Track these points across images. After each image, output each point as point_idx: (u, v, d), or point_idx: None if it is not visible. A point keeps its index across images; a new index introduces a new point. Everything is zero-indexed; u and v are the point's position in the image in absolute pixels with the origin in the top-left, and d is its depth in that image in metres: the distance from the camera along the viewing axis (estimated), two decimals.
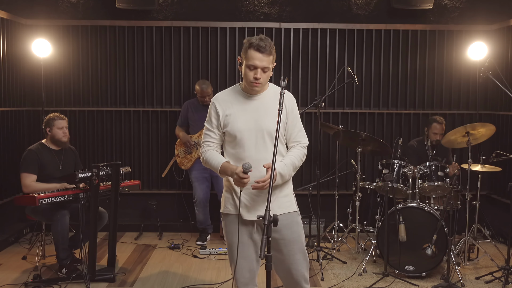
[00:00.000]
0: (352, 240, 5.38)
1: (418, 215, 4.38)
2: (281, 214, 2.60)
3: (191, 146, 5.31)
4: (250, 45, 2.60)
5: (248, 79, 2.63)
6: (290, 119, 2.72)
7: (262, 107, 2.68)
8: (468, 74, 5.85)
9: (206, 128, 2.77)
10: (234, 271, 2.74)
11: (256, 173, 2.58)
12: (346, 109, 5.90)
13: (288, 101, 2.71)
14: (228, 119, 2.67)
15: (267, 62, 2.60)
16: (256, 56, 2.58)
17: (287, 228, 2.69)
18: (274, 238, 2.65)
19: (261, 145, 2.65)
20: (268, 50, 2.59)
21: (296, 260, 2.72)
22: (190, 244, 5.32)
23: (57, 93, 5.79)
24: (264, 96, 2.71)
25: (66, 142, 4.46)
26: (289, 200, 2.74)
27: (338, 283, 4.23)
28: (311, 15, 5.84)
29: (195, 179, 5.33)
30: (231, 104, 2.69)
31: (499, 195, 5.65)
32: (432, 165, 4.67)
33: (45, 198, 3.94)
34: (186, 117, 5.41)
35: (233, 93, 2.75)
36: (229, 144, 2.72)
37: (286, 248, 2.70)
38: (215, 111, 2.72)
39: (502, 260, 4.55)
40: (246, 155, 2.64)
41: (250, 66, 2.61)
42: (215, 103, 2.73)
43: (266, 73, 2.63)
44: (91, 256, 4.16)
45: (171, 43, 5.80)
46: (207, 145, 2.75)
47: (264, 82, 2.66)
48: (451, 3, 5.87)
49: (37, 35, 5.48)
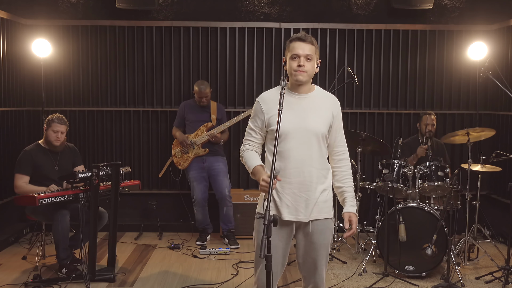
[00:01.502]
0: (352, 240, 5.38)
1: (418, 215, 4.38)
2: (318, 220, 2.66)
3: (188, 145, 5.31)
4: (291, 40, 2.67)
5: (292, 68, 2.63)
6: (335, 122, 2.72)
7: (308, 107, 2.67)
8: (468, 74, 5.85)
9: (249, 126, 2.76)
10: (257, 273, 2.71)
11: (299, 173, 2.62)
12: (346, 109, 5.90)
13: (335, 104, 2.74)
14: (273, 119, 2.65)
15: (309, 50, 2.62)
16: (298, 45, 2.62)
17: (321, 234, 2.69)
18: (307, 241, 2.69)
19: (306, 146, 2.64)
20: (309, 39, 2.63)
21: (321, 266, 2.74)
22: (190, 244, 5.33)
23: (57, 93, 5.79)
24: (311, 97, 2.71)
25: (57, 146, 4.39)
26: (328, 206, 2.73)
27: (338, 283, 4.23)
28: (311, 15, 5.84)
29: (193, 179, 5.33)
30: (276, 103, 2.62)
31: (499, 195, 5.65)
32: (432, 165, 4.67)
33: (45, 198, 3.94)
34: (183, 117, 5.40)
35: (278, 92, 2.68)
36: (271, 142, 2.68)
37: (315, 252, 2.71)
38: (260, 110, 2.70)
39: (502, 260, 4.55)
40: (289, 154, 2.63)
41: (293, 56, 2.63)
42: (261, 102, 2.71)
43: (309, 62, 2.63)
44: (91, 256, 4.15)
45: (171, 43, 5.80)
46: (248, 143, 2.76)
47: (309, 71, 2.64)
48: (451, 3, 5.87)
49: (37, 35, 5.48)
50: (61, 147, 4.45)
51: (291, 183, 2.63)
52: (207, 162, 5.32)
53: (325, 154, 2.73)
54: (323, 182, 2.70)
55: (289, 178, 2.62)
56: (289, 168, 2.62)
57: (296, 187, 2.63)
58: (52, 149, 4.44)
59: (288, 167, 2.62)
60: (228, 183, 5.32)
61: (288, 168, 2.62)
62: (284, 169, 2.61)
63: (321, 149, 2.67)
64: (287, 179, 2.62)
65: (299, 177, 2.61)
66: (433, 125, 5.17)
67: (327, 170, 2.73)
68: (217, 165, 5.32)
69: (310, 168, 2.63)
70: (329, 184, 2.75)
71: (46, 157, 4.41)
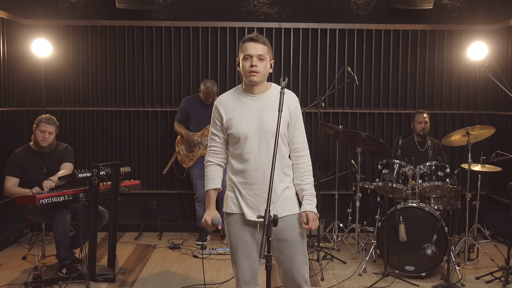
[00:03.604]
0: (352, 240, 5.38)
1: (418, 215, 4.38)
2: (285, 216, 2.66)
3: (194, 145, 5.30)
4: (244, 40, 2.67)
5: (245, 70, 2.63)
6: (292, 119, 2.71)
7: (265, 107, 2.67)
8: (468, 74, 5.85)
9: (211, 132, 2.78)
10: (236, 270, 2.74)
11: (260, 174, 2.63)
12: (346, 109, 5.90)
13: (291, 100, 2.71)
14: (231, 122, 2.66)
15: (261, 50, 2.61)
16: (250, 45, 2.62)
17: (290, 230, 2.70)
18: (277, 240, 2.67)
19: (265, 146, 2.64)
20: (261, 40, 2.63)
21: (298, 261, 2.73)
22: (190, 244, 5.33)
23: (57, 93, 5.79)
24: (267, 97, 2.70)
25: (44, 147, 4.35)
26: (293, 202, 2.75)
27: (338, 283, 4.23)
28: (311, 15, 5.84)
29: (197, 176, 5.33)
30: (233, 106, 2.68)
31: (499, 195, 5.65)
32: (432, 165, 4.68)
33: (45, 198, 3.94)
34: (186, 113, 5.37)
35: (235, 94, 2.74)
36: (232, 146, 2.72)
37: (289, 249, 2.71)
38: (218, 114, 2.71)
39: (502, 260, 4.55)
40: (249, 157, 2.64)
41: (245, 57, 2.62)
42: (218, 106, 2.72)
43: (262, 62, 2.62)
44: (91, 256, 4.15)
45: (171, 43, 5.80)
46: (213, 153, 2.78)
47: (262, 72, 2.63)
48: (451, 3, 5.87)
49: (37, 35, 5.48)
50: (49, 148, 4.40)
51: (251, 184, 2.66)
52: None
53: (285, 152, 2.73)
54: (284, 180, 2.71)
55: (249, 179, 2.65)
56: (249, 170, 2.65)
57: (257, 188, 2.65)
58: (41, 151, 4.39)
59: (248, 169, 2.65)
60: None
61: (248, 170, 2.65)
62: (244, 171, 2.64)
63: (280, 147, 2.65)
64: (247, 181, 2.66)
65: (259, 178, 2.63)
66: (426, 123, 5.19)
67: (288, 168, 2.74)
68: None
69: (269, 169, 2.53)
70: (291, 181, 2.76)
71: (34, 160, 4.38)
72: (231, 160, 2.74)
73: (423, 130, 5.18)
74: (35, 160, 4.39)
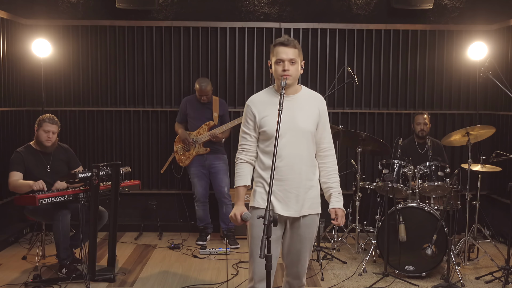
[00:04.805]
0: (352, 240, 5.38)
1: (418, 215, 4.38)
2: (307, 215, 2.80)
3: (190, 143, 5.31)
4: (274, 44, 2.78)
5: (278, 73, 2.75)
6: (322, 119, 2.85)
7: (297, 107, 2.79)
8: (468, 74, 5.85)
9: (242, 131, 2.87)
10: (253, 265, 2.79)
11: (289, 170, 2.74)
12: (346, 109, 5.90)
13: (320, 102, 2.87)
14: (265, 120, 2.77)
15: (292, 54, 2.73)
16: (281, 50, 2.73)
17: (308, 227, 2.83)
18: (294, 234, 2.81)
19: (296, 144, 2.75)
20: (291, 44, 2.74)
21: (305, 257, 2.87)
22: (190, 244, 5.33)
23: (57, 93, 5.79)
24: (298, 97, 2.83)
25: (48, 147, 4.37)
26: (317, 202, 2.87)
27: (338, 283, 4.23)
28: (311, 15, 5.84)
29: (194, 175, 5.34)
30: (266, 105, 2.80)
31: (499, 195, 5.65)
32: (432, 165, 4.68)
33: (45, 198, 3.94)
34: (185, 113, 5.40)
35: (267, 94, 2.86)
36: (263, 143, 2.81)
37: (301, 244, 2.83)
38: (251, 114, 2.82)
39: (502, 260, 4.55)
40: (281, 153, 2.72)
41: (277, 61, 2.75)
42: (251, 105, 2.84)
43: (294, 65, 2.74)
44: (91, 256, 4.16)
45: (171, 43, 5.80)
46: (244, 150, 2.85)
47: (293, 75, 2.75)
48: (451, 3, 5.87)
49: (37, 35, 5.48)
50: (52, 147, 4.42)
51: (282, 180, 2.74)
52: (208, 160, 5.33)
53: (313, 151, 2.86)
54: (312, 179, 2.83)
55: (280, 175, 2.74)
56: (281, 166, 2.73)
57: (287, 184, 2.75)
58: (44, 150, 4.40)
59: (279, 165, 2.72)
60: (228, 182, 5.33)
61: (280, 166, 2.72)
62: (276, 166, 2.70)
63: (309, 147, 2.80)
64: (279, 177, 2.73)
65: (290, 174, 2.75)
66: (425, 124, 5.19)
67: (314, 167, 2.86)
68: (218, 163, 5.33)
69: (300, 166, 2.76)
70: (317, 180, 2.87)
71: (37, 159, 4.38)
72: (261, 156, 2.82)
73: (422, 131, 5.18)
74: (39, 159, 4.39)
